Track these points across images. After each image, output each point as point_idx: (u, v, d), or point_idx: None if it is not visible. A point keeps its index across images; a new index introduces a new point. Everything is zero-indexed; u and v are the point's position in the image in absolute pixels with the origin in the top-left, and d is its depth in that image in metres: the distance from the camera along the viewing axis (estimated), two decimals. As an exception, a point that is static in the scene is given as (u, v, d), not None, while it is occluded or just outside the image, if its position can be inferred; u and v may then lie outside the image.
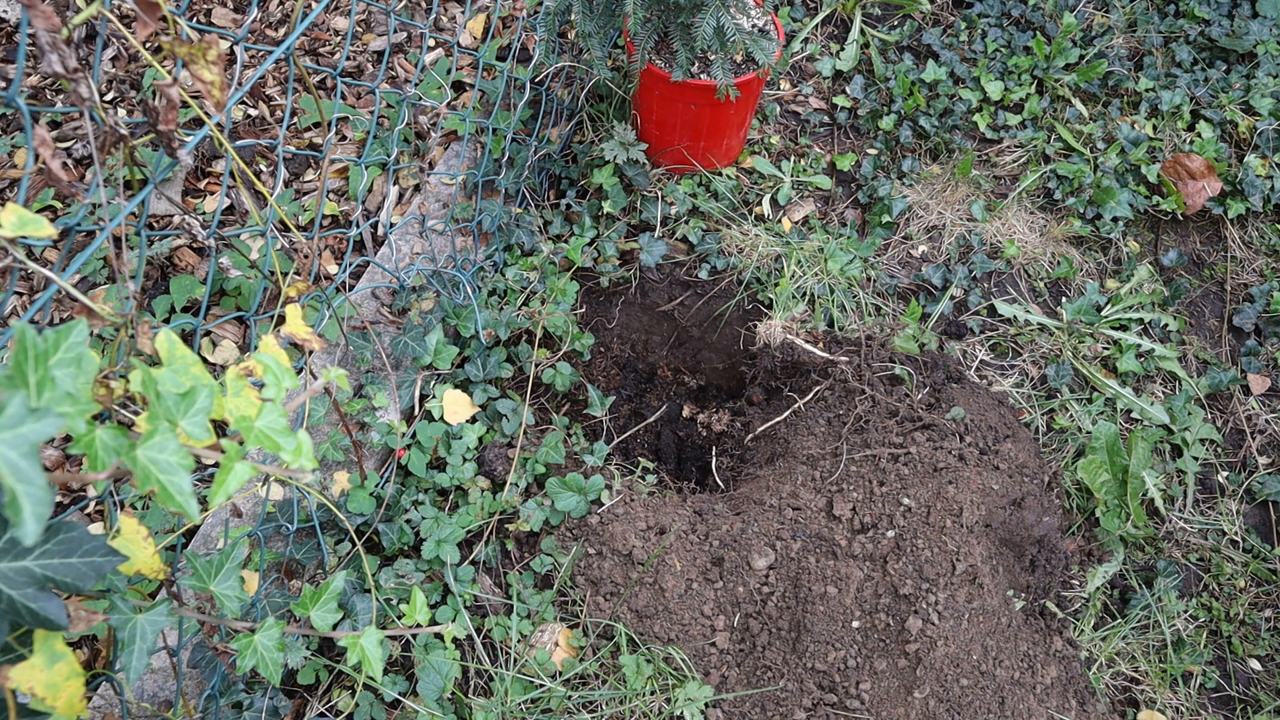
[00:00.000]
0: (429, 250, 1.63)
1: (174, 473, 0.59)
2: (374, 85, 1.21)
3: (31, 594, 0.62)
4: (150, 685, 1.25)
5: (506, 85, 1.80)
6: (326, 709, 1.27)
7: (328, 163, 1.20)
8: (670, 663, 1.31)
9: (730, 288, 1.75)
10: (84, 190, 0.73)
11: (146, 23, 0.72)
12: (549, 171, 1.83)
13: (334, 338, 1.51)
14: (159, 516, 1.41)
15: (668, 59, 1.66)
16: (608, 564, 1.37)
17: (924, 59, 2.09)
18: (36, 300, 0.94)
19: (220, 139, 0.83)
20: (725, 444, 1.65)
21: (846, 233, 1.79)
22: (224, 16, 2.15)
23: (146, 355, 0.77)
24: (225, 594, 0.87)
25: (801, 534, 1.39)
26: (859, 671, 1.29)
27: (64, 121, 1.99)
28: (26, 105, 0.68)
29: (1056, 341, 1.67)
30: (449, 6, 2.24)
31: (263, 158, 1.97)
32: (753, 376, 1.66)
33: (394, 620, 1.28)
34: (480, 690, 1.32)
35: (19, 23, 2.04)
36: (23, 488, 0.48)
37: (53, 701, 0.65)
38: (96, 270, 1.74)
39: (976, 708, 1.26)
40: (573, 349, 1.65)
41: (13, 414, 0.49)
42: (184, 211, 0.93)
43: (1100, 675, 1.36)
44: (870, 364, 1.58)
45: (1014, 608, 1.33)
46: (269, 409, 0.68)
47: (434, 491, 1.45)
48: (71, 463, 1.55)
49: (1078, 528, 1.47)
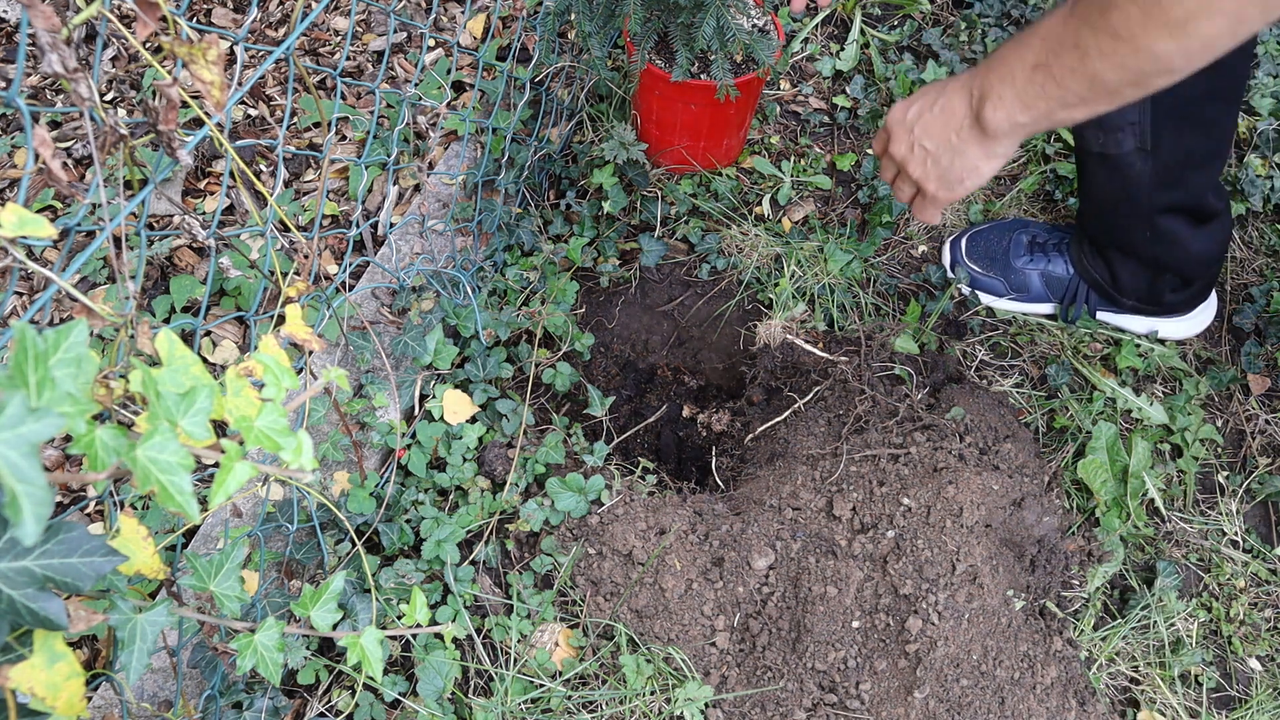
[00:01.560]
0: (429, 250, 1.63)
1: (174, 473, 0.59)
2: (374, 85, 1.21)
3: (31, 594, 0.62)
4: (150, 685, 1.25)
5: (506, 85, 1.80)
6: (326, 709, 1.27)
7: (328, 163, 1.20)
8: (670, 663, 1.31)
9: (730, 288, 1.75)
10: (84, 190, 0.73)
11: (146, 23, 0.72)
12: (549, 171, 1.83)
13: (334, 338, 1.51)
14: (159, 516, 1.41)
15: (668, 59, 1.66)
16: (608, 564, 1.37)
17: (924, 59, 2.09)
18: (36, 300, 0.94)
19: (220, 139, 0.83)
20: (725, 444, 1.65)
21: (846, 233, 1.79)
22: (224, 16, 2.15)
23: (146, 355, 0.77)
24: (225, 594, 0.87)
25: (801, 534, 1.39)
26: (859, 671, 1.29)
27: (64, 121, 1.99)
28: (26, 105, 0.68)
29: (1056, 341, 1.67)
30: (449, 6, 2.24)
31: (263, 158, 1.97)
32: (753, 376, 1.66)
33: (394, 620, 1.28)
34: (480, 690, 1.32)
35: (19, 23, 2.04)
36: (23, 488, 0.48)
37: (53, 701, 0.65)
38: (96, 270, 1.75)
39: (976, 708, 1.26)
40: (573, 349, 1.65)
41: (13, 414, 0.49)
42: (184, 211, 0.93)
43: (1100, 675, 1.36)
44: (870, 364, 1.58)
45: (1014, 608, 1.33)
46: (269, 409, 0.68)
47: (434, 491, 1.45)
48: (71, 463, 1.55)
49: (1078, 528, 1.47)
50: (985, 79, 1.03)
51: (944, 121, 1.09)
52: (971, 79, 1.05)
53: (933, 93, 1.10)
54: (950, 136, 1.08)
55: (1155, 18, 0.83)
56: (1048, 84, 0.96)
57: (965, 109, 1.06)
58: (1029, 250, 1.69)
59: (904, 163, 1.15)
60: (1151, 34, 0.85)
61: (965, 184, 1.11)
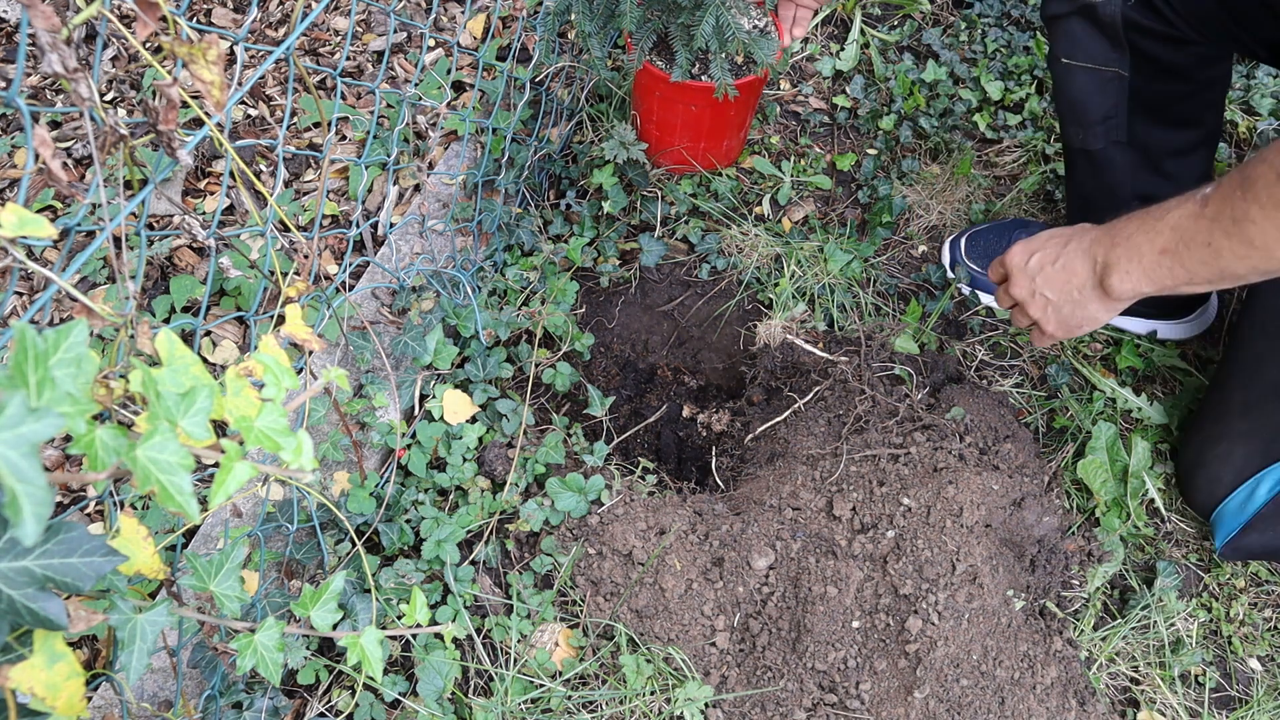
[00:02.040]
0: (429, 250, 1.63)
1: (174, 473, 0.59)
2: (374, 85, 1.21)
3: (31, 594, 0.62)
4: (150, 685, 1.25)
5: (506, 85, 1.80)
6: (326, 709, 1.27)
7: (328, 163, 1.20)
8: (670, 663, 1.31)
9: (730, 288, 1.75)
10: (84, 190, 0.73)
11: (146, 23, 0.72)
12: (549, 171, 1.83)
13: (334, 338, 1.51)
14: (159, 516, 1.41)
15: (668, 59, 1.66)
16: (608, 564, 1.37)
17: (924, 59, 2.09)
18: (36, 300, 0.94)
19: (220, 139, 0.83)
20: (725, 444, 1.65)
21: (846, 233, 1.79)
22: (224, 16, 2.15)
23: (146, 355, 0.77)
24: (225, 594, 0.87)
25: (801, 534, 1.39)
26: (859, 671, 1.29)
27: (64, 121, 1.99)
28: (26, 105, 0.68)
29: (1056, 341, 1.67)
30: (449, 6, 2.24)
31: (263, 158, 1.97)
32: (753, 376, 1.66)
33: (394, 620, 1.28)
34: (480, 690, 1.32)
35: (19, 23, 2.04)
36: (23, 488, 0.48)
37: (53, 701, 0.65)
38: (96, 270, 1.75)
39: (976, 708, 1.26)
40: (573, 349, 1.65)
41: (13, 414, 0.49)
42: (184, 211, 0.93)
43: (1100, 675, 1.36)
44: (870, 364, 1.58)
45: (1014, 608, 1.33)
46: (269, 409, 0.68)
47: (434, 491, 1.45)
48: (71, 463, 1.55)
49: (1078, 528, 1.47)
50: (1111, 251, 1.10)
51: (1065, 279, 1.16)
52: (1094, 245, 1.13)
53: (1054, 247, 1.18)
54: (1073, 293, 1.16)
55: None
56: (1176, 269, 1.04)
57: (1089, 274, 1.13)
58: None
59: (1024, 304, 1.23)
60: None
61: (1083, 329, 1.20)
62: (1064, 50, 1.41)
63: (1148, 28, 1.32)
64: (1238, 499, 1.37)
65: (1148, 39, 1.34)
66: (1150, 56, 1.35)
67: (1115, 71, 1.38)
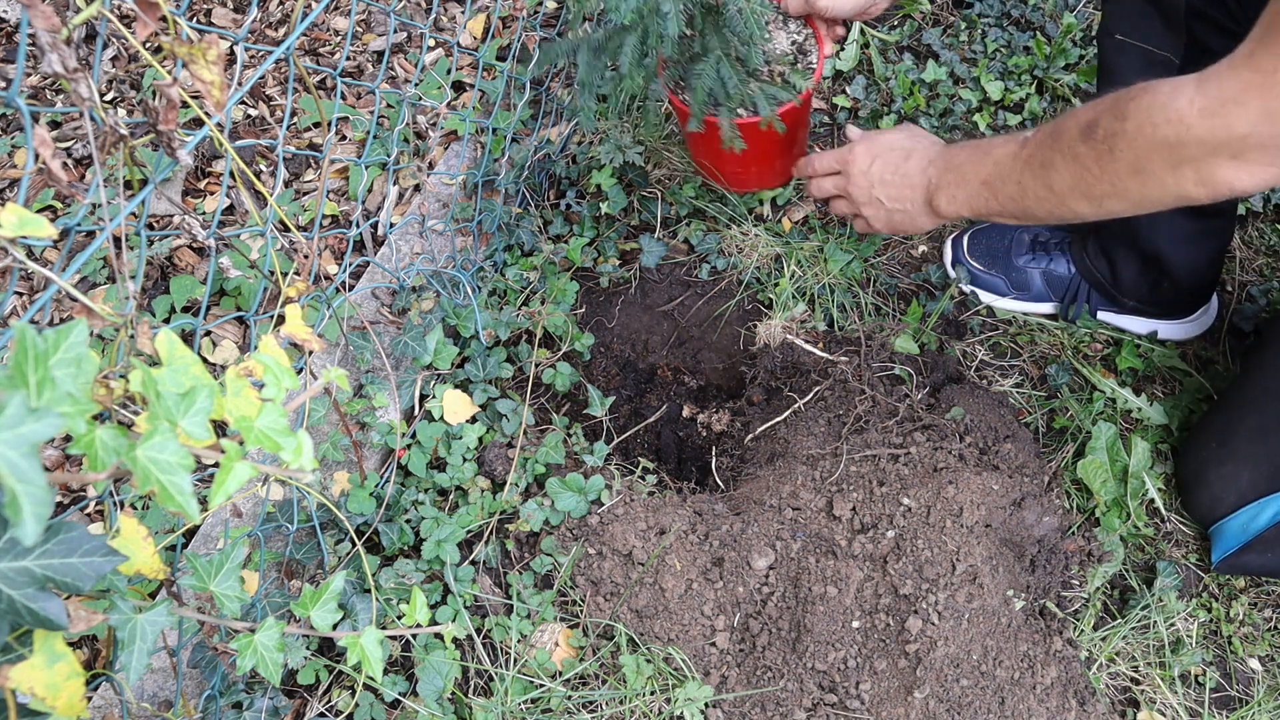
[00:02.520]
0: (429, 250, 1.63)
1: (174, 473, 0.59)
2: (374, 85, 1.21)
3: (31, 594, 0.62)
4: (150, 685, 1.25)
5: (506, 85, 1.80)
6: (326, 709, 1.27)
7: (328, 163, 1.20)
8: (670, 663, 1.32)
9: (730, 288, 1.75)
10: (84, 190, 0.73)
11: (146, 23, 0.72)
12: (549, 171, 1.83)
13: (334, 338, 1.51)
14: (159, 516, 1.41)
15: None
16: (608, 564, 1.37)
17: (924, 59, 2.09)
18: (36, 300, 0.94)
19: (220, 139, 0.83)
20: (725, 444, 1.65)
21: (846, 233, 1.79)
22: (224, 16, 2.15)
23: (146, 355, 0.77)
24: (225, 594, 0.87)
25: (801, 534, 1.39)
26: (859, 672, 1.29)
27: (64, 121, 1.99)
28: (26, 105, 0.68)
29: (1056, 341, 1.67)
30: (449, 6, 2.25)
31: (263, 158, 1.97)
32: (753, 376, 1.66)
33: (394, 620, 1.28)
34: (480, 690, 1.32)
35: (19, 23, 2.04)
36: (23, 488, 0.48)
37: (53, 701, 0.65)
38: (96, 270, 1.75)
39: (976, 708, 1.26)
40: (573, 349, 1.65)
41: (13, 414, 0.49)
42: (184, 211, 0.93)
43: (1100, 675, 1.36)
44: (870, 364, 1.58)
45: (1014, 608, 1.33)
46: (269, 409, 0.68)
47: (434, 491, 1.45)
48: (71, 463, 1.55)
49: (1078, 528, 1.47)
50: (943, 175, 1.23)
51: (900, 191, 1.31)
52: (930, 166, 1.26)
53: (895, 158, 1.31)
54: (906, 204, 1.31)
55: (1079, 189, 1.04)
56: (990, 201, 1.17)
57: (921, 190, 1.28)
58: (1031, 248, 1.69)
59: (858, 202, 1.38)
60: (1075, 199, 1.06)
61: (906, 231, 1.37)
62: (1118, 26, 1.39)
63: (1210, 16, 1.29)
64: (1240, 519, 1.37)
65: (1207, 28, 1.30)
66: (1205, 46, 1.31)
67: (1166, 56, 1.35)
